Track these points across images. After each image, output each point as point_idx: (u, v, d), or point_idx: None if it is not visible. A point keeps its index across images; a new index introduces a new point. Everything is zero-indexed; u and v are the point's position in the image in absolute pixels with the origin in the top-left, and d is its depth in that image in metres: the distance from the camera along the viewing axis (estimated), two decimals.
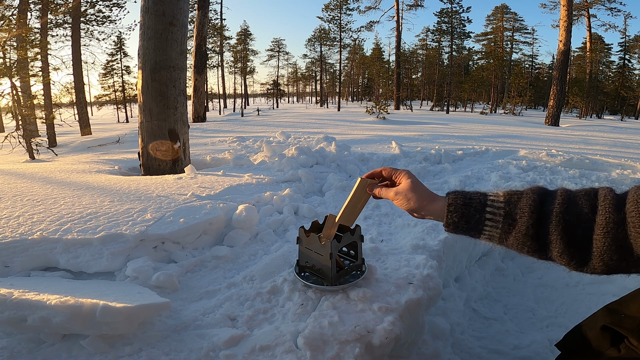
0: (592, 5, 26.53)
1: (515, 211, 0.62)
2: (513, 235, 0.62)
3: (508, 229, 0.62)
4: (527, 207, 0.61)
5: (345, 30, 30.58)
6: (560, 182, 3.11)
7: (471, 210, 0.66)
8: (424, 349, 1.22)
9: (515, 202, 0.63)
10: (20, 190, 2.01)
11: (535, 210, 0.60)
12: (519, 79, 24.10)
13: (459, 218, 0.67)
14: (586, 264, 0.57)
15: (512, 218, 0.62)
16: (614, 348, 0.64)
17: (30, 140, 5.92)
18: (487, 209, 0.65)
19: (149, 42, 3.01)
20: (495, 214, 0.64)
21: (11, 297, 0.93)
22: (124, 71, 24.15)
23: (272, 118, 12.81)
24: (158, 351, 0.93)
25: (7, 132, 7.42)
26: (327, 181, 2.68)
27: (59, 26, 15.09)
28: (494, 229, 0.64)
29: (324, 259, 1.07)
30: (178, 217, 1.62)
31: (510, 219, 0.62)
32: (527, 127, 10.42)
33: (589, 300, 1.83)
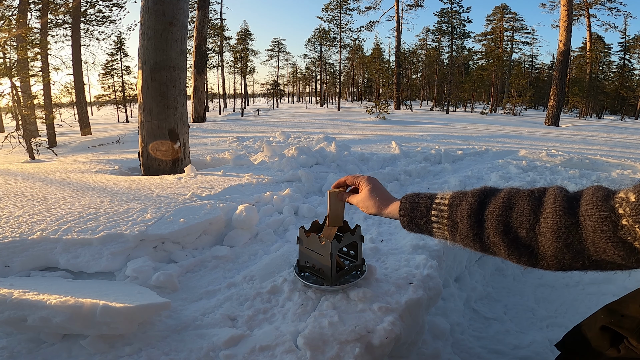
0: (592, 5, 26.53)
1: (455, 214, 0.63)
2: (458, 237, 0.64)
3: (452, 231, 0.64)
4: (465, 210, 0.62)
5: (345, 30, 30.59)
6: (560, 182, 3.11)
7: (417, 214, 0.69)
8: (424, 349, 1.22)
9: (456, 205, 0.64)
10: (20, 190, 2.01)
11: (472, 214, 0.61)
12: (519, 79, 24.10)
13: (408, 221, 0.71)
14: (537, 263, 0.57)
15: (454, 221, 0.64)
16: (613, 348, 0.64)
17: (30, 140, 5.92)
18: (432, 212, 0.67)
19: (149, 42, 3.02)
20: (439, 217, 0.66)
21: (11, 297, 0.93)
22: (124, 71, 24.15)
23: (272, 118, 12.81)
24: (158, 351, 0.93)
25: (7, 132, 7.43)
26: (327, 181, 2.68)
27: (59, 26, 15.09)
28: (441, 231, 0.66)
29: (324, 259, 1.07)
30: (178, 217, 1.62)
31: (452, 222, 0.64)
32: (527, 127, 10.42)
33: (589, 300, 1.83)
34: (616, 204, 0.47)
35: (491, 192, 0.63)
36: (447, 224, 0.65)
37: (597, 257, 0.51)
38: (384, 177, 2.96)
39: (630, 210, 0.45)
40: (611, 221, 0.47)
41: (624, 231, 0.46)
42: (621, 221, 0.46)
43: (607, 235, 0.47)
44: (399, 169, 3.24)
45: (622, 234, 0.46)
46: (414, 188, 2.80)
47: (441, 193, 0.69)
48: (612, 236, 0.47)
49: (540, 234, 0.54)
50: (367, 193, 0.81)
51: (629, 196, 0.46)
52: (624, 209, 0.46)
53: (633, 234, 0.45)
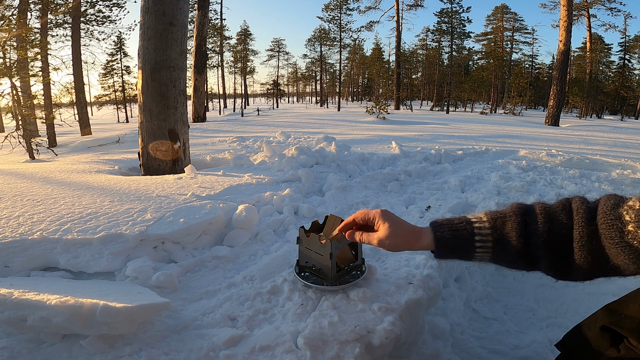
0: (592, 5, 26.53)
1: (502, 235, 0.65)
2: (504, 257, 0.65)
3: (499, 252, 0.65)
4: (514, 231, 0.63)
5: (345, 30, 30.60)
6: (560, 182, 3.11)
7: (460, 243, 0.68)
8: (424, 349, 1.22)
9: (500, 227, 0.65)
10: (20, 190, 2.01)
11: (522, 234, 0.63)
12: (519, 79, 24.10)
13: (450, 252, 0.70)
14: (570, 275, 0.60)
15: (501, 243, 0.65)
16: (613, 348, 0.64)
17: (30, 140, 5.92)
18: (476, 237, 0.67)
19: (149, 42, 3.02)
20: (484, 241, 0.66)
21: (11, 297, 0.93)
22: (124, 71, 24.15)
23: (272, 118, 12.81)
24: (158, 351, 0.93)
25: (7, 132, 7.42)
26: (327, 181, 2.68)
27: (59, 26, 15.09)
28: (485, 254, 0.67)
29: (324, 259, 1.07)
30: (178, 217, 1.62)
31: (500, 244, 0.65)
32: (527, 127, 10.42)
33: (589, 300, 1.83)
34: (624, 211, 0.51)
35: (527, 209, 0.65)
36: (492, 247, 0.66)
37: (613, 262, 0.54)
38: (384, 177, 2.96)
39: (635, 216, 0.48)
40: (617, 228, 0.50)
41: (630, 236, 0.49)
42: (627, 227, 0.49)
43: (615, 241, 0.51)
44: (399, 169, 3.24)
45: (629, 239, 0.49)
46: (414, 188, 2.80)
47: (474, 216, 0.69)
48: (619, 242, 0.50)
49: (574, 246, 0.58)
50: (389, 231, 0.75)
51: (635, 203, 0.50)
52: (630, 216, 0.49)
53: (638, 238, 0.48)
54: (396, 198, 2.50)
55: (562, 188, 3.00)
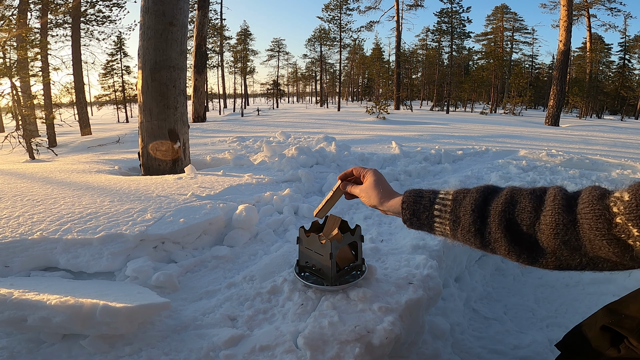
0: (592, 5, 26.53)
1: (459, 209, 0.64)
2: (459, 232, 0.64)
3: (454, 226, 0.65)
4: (469, 205, 0.63)
5: (345, 30, 30.60)
6: (560, 182, 3.11)
7: (420, 208, 0.69)
8: (424, 349, 1.22)
9: (460, 200, 0.65)
10: (20, 190, 2.01)
11: (476, 209, 0.62)
12: (519, 79, 24.10)
13: (410, 214, 0.71)
14: (536, 261, 0.58)
15: (457, 215, 0.64)
16: (613, 348, 0.64)
17: (30, 140, 5.92)
18: (435, 206, 0.68)
19: (149, 42, 3.01)
20: (442, 211, 0.67)
21: (11, 297, 0.93)
22: (124, 71, 24.15)
23: (272, 118, 12.81)
24: (158, 351, 0.93)
25: (7, 132, 7.42)
26: (327, 181, 2.68)
27: (59, 26, 15.09)
28: (443, 226, 0.67)
29: (324, 259, 1.07)
30: (178, 217, 1.62)
31: (455, 216, 0.65)
32: (527, 127, 10.42)
33: (589, 300, 1.83)
34: (611, 202, 0.49)
35: (494, 189, 0.65)
36: (449, 219, 0.66)
37: (593, 254, 0.52)
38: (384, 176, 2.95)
39: (624, 208, 0.47)
40: (605, 219, 0.49)
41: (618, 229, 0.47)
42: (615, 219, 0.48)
43: (602, 233, 0.49)
44: (399, 169, 3.24)
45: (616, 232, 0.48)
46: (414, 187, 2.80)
47: (444, 189, 0.70)
48: (606, 233, 0.49)
49: (540, 231, 0.55)
50: (371, 183, 0.82)
51: (623, 195, 0.48)
52: (618, 207, 0.47)
53: (627, 231, 0.47)
54: None
55: None
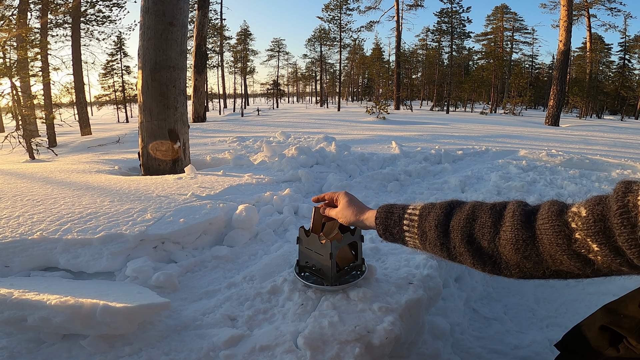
0: (592, 5, 26.54)
1: (424, 224, 0.67)
2: (427, 246, 0.67)
3: (422, 240, 0.68)
4: (433, 220, 0.66)
5: (345, 30, 30.59)
6: (560, 182, 3.12)
7: (391, 223, 0.74)
8: (424, 349, 1.22)
9: (425, 216, 0.68)
10: (20, 190, 2.01)
11: (439, 225, 0.64)
12: (519, 79, 24.10)
13: (383, 230, 0.75)
14: (501, 271, 0.59)
15: (423, 230, 0.67)
16: (612, 348, 0.64)
17: (30, 140, 5.92)
18: (404, 221, 0.71)
19: (149, 42, 3.02)
20: (410, 226, 0.70)
21: (11, 297, 0.93)
22: (124, 71, 24.15)
23: (272, 118, 12.81)
24: (158, 351, 0.93)
25: (7, 132, 7.42)
26: (327, 181, 2.69)
27: (59, 26, 15.09)
28: (413, 240, 0.70)
29: (324, 259, 1.07)
30: (178, 217, 1.62)
31: (421, 232, 0.68)
32: (527, 127, 10.42)
33: (589, 300, 1.83)
34: (569, 218, 0.49)
35: (457, 204, 0.67)
36: (417, 234, 0.69)
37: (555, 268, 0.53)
38: (384, 177, 2.96)
39: (582, 224, 0.47)
40: (565, 235, 0.49)
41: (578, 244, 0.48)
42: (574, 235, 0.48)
43: (562, 249, 0.49)
44: (399, 169, 3.24)
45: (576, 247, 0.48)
46: (414, 188, 2.80)
47: (414, 204, 0.73)
48: (567, 249, 0.49)
49: (501, 246, 0.57)
50: (344, 204, 0.90)
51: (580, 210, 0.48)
52: (576, 223, 0.48)
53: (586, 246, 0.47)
54: (396, 198, 2.50)
55: (562, 188, 3.01)
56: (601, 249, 0.45)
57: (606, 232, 0.45)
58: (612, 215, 0.44)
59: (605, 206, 0.46)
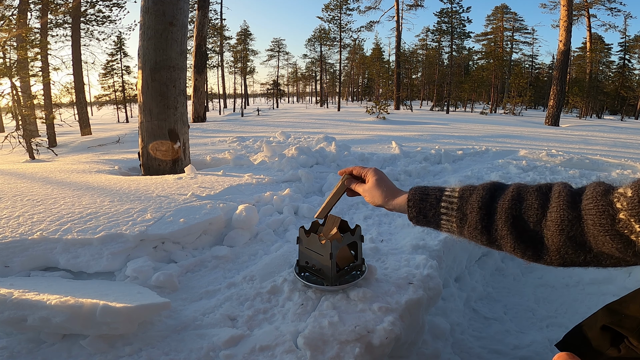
0: (592, 5, 26.54)
1: (466, 206, 0.64)
2: (466, 229, 0.64)
3: (461, 223, 0.65)
4: (476, 202, 0.63)
5: (345, 30, 30.59)
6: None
7: (427, 205, 0.70)
8: (424, 349, 1.22)
9: (467, 198, 0.65)
10: (20, 190, 2.01)
11: (483, 206, 0.62)
12: (519, 79, 24.09)
13: (417, 212, 0.71)
14: (541, 258, 0.58)
15: (463, 213, 0.65)
16: (613, 348, 0.64)
17: (30, 140, 5.92)
18: (442, 203, 0.68)
19: (149, 42, 3.01)
20: (448, 208, 0.67)
21: (11, 297, 0.93)
22: (124, 71, 24.15)
23: (272, 118, 12.81)
24: (158, 351, 0.93)
25: (7, 132, 7.42)
26: (327, 181, 2.68)
27: (59, 26, 15.10)
28: (449, 223, 0.67)
29: (324, 259, 1.07)
30: (178, 217, 1.62)
31: (462, 214, 0.65)
32: (527, 127, 10.42)
33: (589, 300, 1.83)
34: (615, 198, 0.49)
35: (500, 186, 0.65)
36: (456, 216, 0.66)
37: (597, 250, 0.52)
38: None
39: (627, 204, 0.47)
40: (609, 215, 0.49)
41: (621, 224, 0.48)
42: (618, 215, 0.48)
43: (606, 229, 0.49)
44: (399, 169, 3.24)
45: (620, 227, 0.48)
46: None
47: (450, 186, 0.70)
48: (610, 229, 0.49)
49: (546, 227, 0.56)
50: (374, 183, 0.82)
51: (626, 191, 0.48)
52: (622, 204, 0.48)
53: (630, 227, 0.47)
54: None
55: None
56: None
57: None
58: None
59: None
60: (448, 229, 0.68)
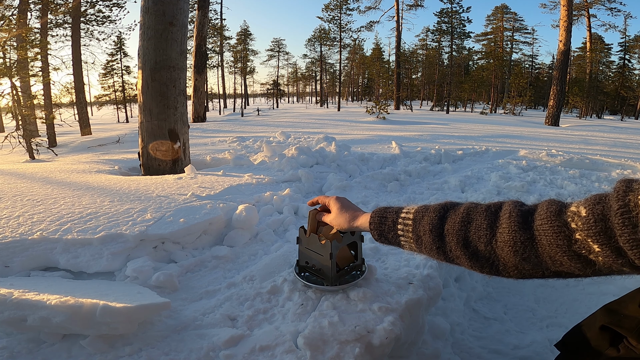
0: (592, 5, 26.54)
1: (419, 228, 0.66)
2: (424, 250, 0.66)
3: (417, 244, 0.67)
4: (427, 225, 0.65)
5: (345, 30, 30.59)
6: (560, 182, 3.11)
7: (385, 228, 0.73)
8: (424, 349, 1.22)
9: (419, 220, 0.67)
10: (20, 190, 2.01)
11: (433, 229, 0.64)
12: (519, 79, 24.09)
13: (378, 235, 0.75)
14: (499, 273, 0.58)
15: (418, 235, 0.66)
16: (613, 348, 0.64)
17: (30, 140, 5.92)
18: (398, 226, 0.70)
19: (149, 42, 3.02)
20: (405, 230, 0.69)
21: (11, 297, 0.93)
22: (124, 71, 24.16)
23: (272, 118, 12.81)
24: (158, 351, 0.93)
25: (7, 132, 7.42)
26: (327, 181, 2.69)
27: (59, 26, 15.11)
28: (408, 244, 0.69)
29: (324, 259, 1.07)
30: (178, 217, 1.62)
31: (417, 236, 0.67)
32: (527, 127, 10.42)
33: (589, 300, 1.83)
34: (569, 218, 0.48)
35: (452, 206, 0.65)
36: (412, 238, 0.68)
37: (555, 269, 0.52)
38: (384, 177, 2.96)
39: (582, 224, 0.46)
40: (565, 235, 0.48)
41: (578, 245, 0.47)
42: (574, 235, 0.47)
43: (563, 250, 0.48)
44: (399, 169, 3.24)
45: (577, 248, 0.47)
46: (414, 188, 2.80)
47: (407, 207, 0.72)
48: (567, 250, 0.48)
49: (498, 248, 0.56)
50: (337, 211, 0.89)
51: (580, 210, 0.47)
52: (576, 223, 0.46)
53: (587, 247, 0.46)
54: (396, 198, 2.50)
55: (562, 188, 3.01)
56: (602, 249, 0.44)
57: (607, 232, 0.44)
58: (612, 214, 0.43)
59: (605, 205, 0.45)
60: (409, 248, 0.70)
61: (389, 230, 0.72)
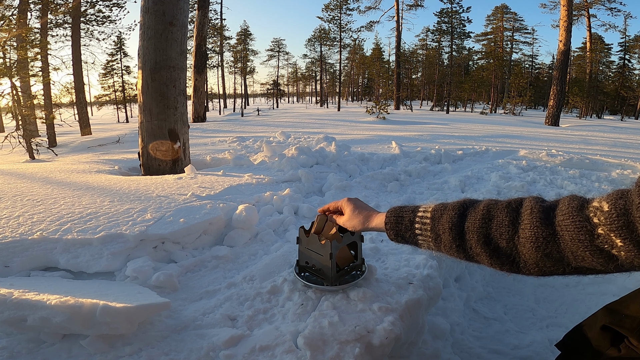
0: (592, 5, 26.54)
1: (438, 227, 0.66)
2: (443, 248, 0.66)
3: (436, 243, 0.66)
4: (447, 223, 0.64)
5: (345, 30, 30.59)
6: (560, 182, 3.11)
7: (402, 227, 0.72)
8: (424, 349, 1.22)
9: (438, 218, 0.66)
10: (20, 190, 2.01)
11: (453, 227, 0.63)
12: (519, 79, 24.09)
13: (395, 234, 0.74)
14: (519, 270, 0.58)
15: (437, 233, 0.66)
16: (614, 348, 0.64)
17: (30, 140, 5.92)
18: (416, 225, 0.70)
19: (149, 42, 3.01)
20: (422, 229, 0.69)
21: (11, 297, 0.93)
22: (124, 71, 24.15)
23: (272, 118, 12.81)
24: (158, 351, 0.93)
25: (7, 132, 7.42)
26: (327, 181, 2.68)
27: (59, 26, 15.10)
28: (426, 242, 0.69)
29: (324, 259, 1.07)
30: (178, 217, 1.62)
31: (435, 234, 0.66)
32: (527, 127, 10.42)
33: (589, 300, 1.83)
34: (591, 213, 0.48)
35: (471, 204, 0.65)
36: (431, 237, 0.67)
37: (576, 265, 0.52)
38: (384, 177, 2.96)
39: (605, 219, 0.46)
40: (587, 230, 0.48)
41: (601, 240, 0.47)
42: (597, 230, 0.47)
43: (585, 245, 0.48)
44: (399, 169, 3.24)
45: (599, 243, 0.47)
46: (414, 188, 2.80)
47: (424, 205, 0.72)
48: (589, 245, 0.48)
49: (520, 244, 0.56)
50: (350, 213, 0.88)
51: (602, 205, 0.47)
52: (599, 218, 0.47)
53: (609, 242, 0.46)
54: (396, 198, 2.50)
55: (562, 188, 3.00)
56: (625, 243, 0.45)
57: (629, 226, 0.44)
58: (634, 209, 0.44)
59: (627, 200, 0.45)
60: (427, 247, 0.69)
61: (406, 230, 0.71)
